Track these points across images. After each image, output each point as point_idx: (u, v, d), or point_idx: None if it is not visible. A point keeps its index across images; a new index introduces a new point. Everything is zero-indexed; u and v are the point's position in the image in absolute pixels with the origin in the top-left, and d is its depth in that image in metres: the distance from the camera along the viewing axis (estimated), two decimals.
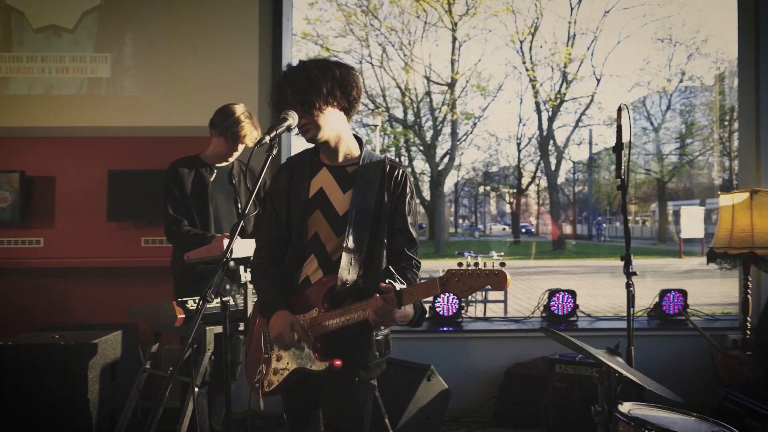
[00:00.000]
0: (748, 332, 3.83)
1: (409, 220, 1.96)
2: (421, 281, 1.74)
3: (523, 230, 44.58)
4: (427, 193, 27.06)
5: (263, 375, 1.94)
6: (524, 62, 25.34)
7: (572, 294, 4.42)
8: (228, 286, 2.32)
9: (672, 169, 33.53)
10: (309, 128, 1.88)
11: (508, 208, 43.61)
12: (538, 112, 26.56)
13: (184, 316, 2.48)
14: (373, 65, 23.73)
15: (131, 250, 4.16)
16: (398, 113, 26.17)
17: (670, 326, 4.28)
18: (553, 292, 4.43)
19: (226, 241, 2.33)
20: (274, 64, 4.23)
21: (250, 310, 2.48)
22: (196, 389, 2.50)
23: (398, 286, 1.67)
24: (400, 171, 1.98)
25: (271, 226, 2.01)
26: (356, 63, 23.34)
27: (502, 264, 1.76)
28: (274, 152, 1.80)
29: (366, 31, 22.52)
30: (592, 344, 4.02)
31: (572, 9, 24.50)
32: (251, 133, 2.90)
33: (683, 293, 4.44)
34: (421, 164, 27.82)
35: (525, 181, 32.63)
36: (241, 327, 2.68)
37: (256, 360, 2.00)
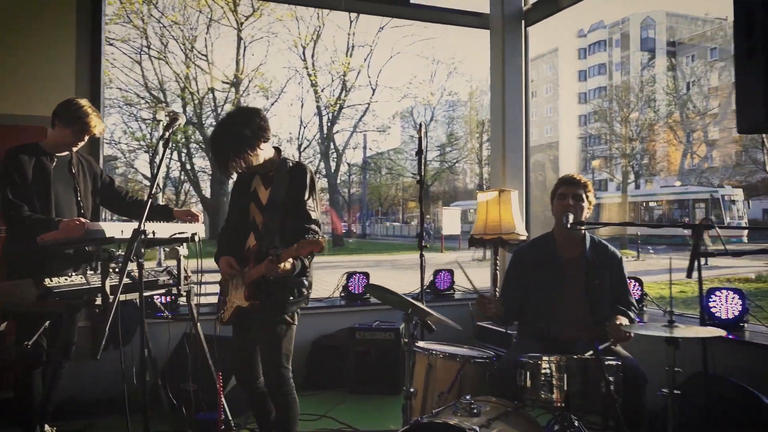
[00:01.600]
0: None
1: (309, 203, 2.73)
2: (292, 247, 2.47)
3: None
4: (208, 192, 26.61)
5: (223, 311, 2.83)
6: (306, 67, 26.34)
7: (366, 275, 5.21)
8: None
9: (434, 174, 37.34)
10: (248, 166, 2.70)
11: None
12: (320, 116, 27.78)
13: (40, 293, 2.63)
14: (151, 57, 22.71)
15: None
16: (177, 108, 25.29)
17: (443, 298, 5.32)
18: (350, 274, 5.18)
19: (77, 224, 2.63)
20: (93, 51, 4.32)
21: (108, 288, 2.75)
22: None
23: (279, 250, 2.45)
24: (300, 168, 2.80)
25: (230, 213, 2.94)
26: (134, 53, 22.14)
27: (323, 237, 2.58)
28: (169, 146, 2.21)
29: (145, 21, 21.46)
30: (388, 317, 4.86)
31: (351, 22, 26.19)
32: (99, 125, 3.11)
33: (451, 272, 5.52)
34: (200, 161, 27.23)
35: None
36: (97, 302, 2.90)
37: (221, 302, 2.89)
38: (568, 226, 2.70)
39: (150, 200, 2.34)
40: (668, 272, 2.62)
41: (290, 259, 2.53)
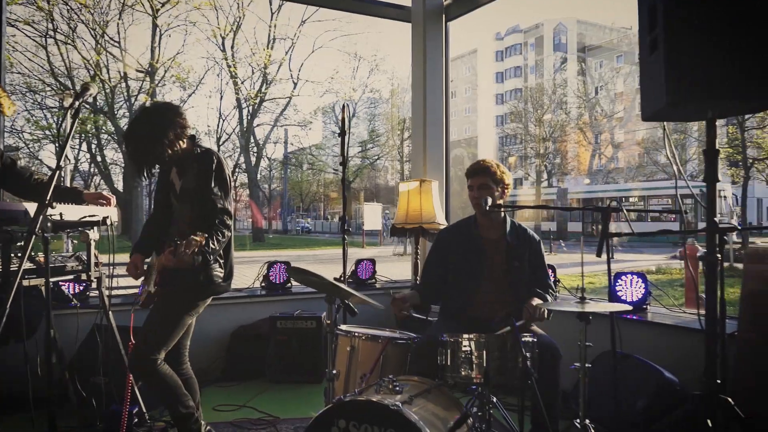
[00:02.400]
0: None
1: (215, 190, 2.70)
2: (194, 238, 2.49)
3: None
4: (120, 185, 25.47)
5: (141, 295, 2.85)
6: (226, 58, 25.67)
7: (287, 264, 5.14)
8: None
9: (356, 170, 37.42)
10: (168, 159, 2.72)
11: None
12: (239, 108, 27.15)
13: None
14: (57, 42, 21.40)
15: None
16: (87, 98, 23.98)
17: (365, 287, 5.33)
18: (271, 264, 5.10)
19: None
20: None
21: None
22: None
23: (179, 241, 2.43)
24: (206, 155, 2.77)
25: (154, 204, 2.98)
26: (39, 36, 20.78)
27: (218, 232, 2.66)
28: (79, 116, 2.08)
29: (51, 2, 20.16)
30: (309, 306, 4.83)
31: (273, 14, 25.77)
32: (11, 106, 2.93)
33: (373, 262, 5.56)
34: (111, 153, 26.03)
35: None
36: None
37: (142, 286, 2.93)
38: (487, 208, 2.77)
39: (57, 173, 2.13)
40: (578, 266, 2.76)
41: (188, 251, 2.47)
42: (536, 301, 2.84)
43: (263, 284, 5.08)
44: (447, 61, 5.58)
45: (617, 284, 3.85)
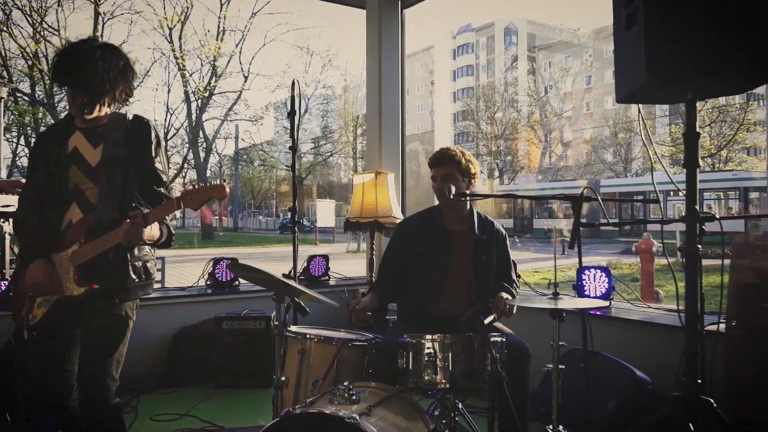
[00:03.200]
0: None
1: (156, 162, 2.27)
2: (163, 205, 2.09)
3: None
4: None
5: (28, 310, 2.16)
6: (174, 50, 24.82)
7: (234, 261, 4.83)
8: None
9: (309, 167, 36.95)
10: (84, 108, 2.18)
11: None
12: (188, 102, 26.32)
13: None
14: None
15: None
16: (25, 88, 22.86)
17: (318, 285, 5.06)
18: (217, 260, 4.78)
19: None
20: None
21: None
22: None
23: (145, 210, 2.00)
24: (142, 122, 2.29)
25: (32, 184, 2.26)
26: None
27: (224, 180, 2.10)
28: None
29: None
30: (259, 305, 4.54)
31: (222, 5, 25.02)
32: None
33: (326, 258, 5.29)
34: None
35: (172, 173, 31.95)
36: None
37: (21, 296, 2.19)
38: (451, 197, 2.55)
39: None
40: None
41: (156, 224, 2.10)
42: (505, 296, 2.65)
43: (209, 282, 4.75)
44: (403, 48, 5.36)
45: (581, 279, 3.70)
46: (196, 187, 1.92)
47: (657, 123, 34.03)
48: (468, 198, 2.72)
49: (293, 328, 2.63)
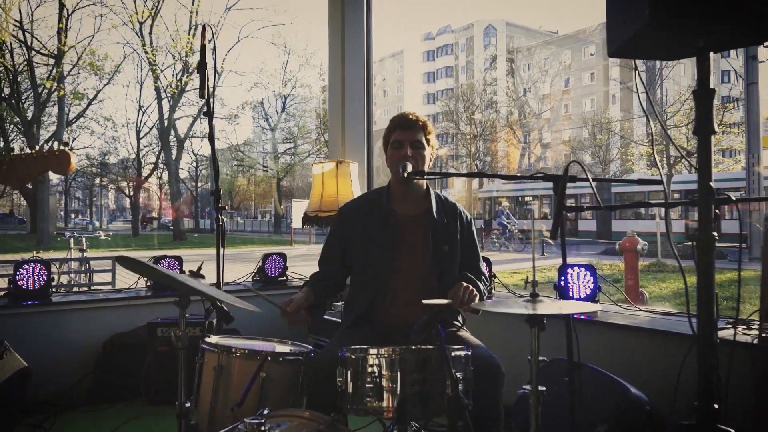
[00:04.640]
0: None
1: None
2: None
3: (153, 222, 42.87)
4: None
5: None
6: (144, 45, 24.11)
7: (178, 260, 4.32)
8: None
9: (286, 167, 36.30)
10: None
11: (128, 203, 40.68)
12: (159, 99, 25.59)
13: None
14: None
15: None
16: None
17: (275, 286, 4.58)
18: (158, 259, 4.27)
19: None
20: None
21: None
22: None
23: None
24: None
25: None
26: None
27: (66, 144, 1.57)
28: None
29: None
30: (200, 308, 4.00)
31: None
32: None
33: (283, 256, 4.78)
34: (18, 144, 23.95)
35: (146, 172, 31.10)
36: None
37: None
38: (405, 175, 2.07)
39: None
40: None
41: None
42: (465, 284, 2.15)
43: (148, 284, 4.24)
44: (370, 26, 4.87)
45: (564, 278, 3.26)
46: (30, 151, 1.37)
47: (635, 123, 34.07)
48: (425, 178, 2.23)
49: (213, 338, 2.15)
